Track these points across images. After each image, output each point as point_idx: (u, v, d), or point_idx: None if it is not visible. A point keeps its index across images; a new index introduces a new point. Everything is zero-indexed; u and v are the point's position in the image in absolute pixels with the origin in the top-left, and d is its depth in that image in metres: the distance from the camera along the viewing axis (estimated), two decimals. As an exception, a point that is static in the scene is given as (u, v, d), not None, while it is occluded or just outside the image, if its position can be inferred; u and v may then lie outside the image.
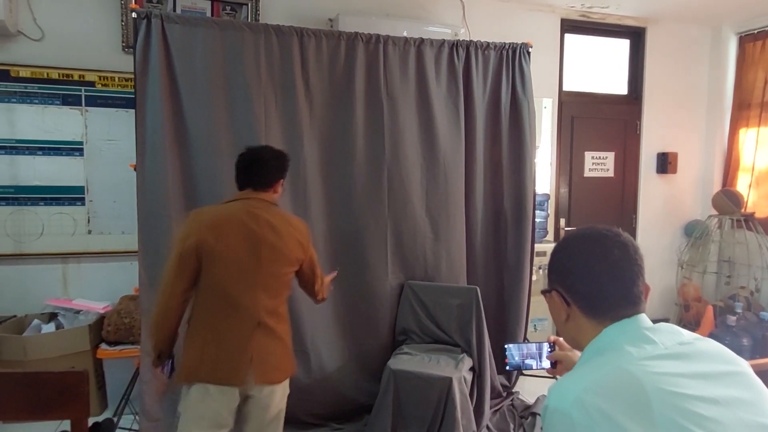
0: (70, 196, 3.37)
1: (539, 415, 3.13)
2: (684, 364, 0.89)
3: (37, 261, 3.34)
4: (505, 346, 1.43)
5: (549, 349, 1.35)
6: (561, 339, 1.33)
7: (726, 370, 0.91)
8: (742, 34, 4.70)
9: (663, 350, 0.91)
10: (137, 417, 2.92)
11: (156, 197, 2.77)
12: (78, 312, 3.21)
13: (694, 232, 4.78)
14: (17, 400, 1.58)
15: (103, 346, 3.06)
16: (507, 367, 1.43)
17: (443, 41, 3.31)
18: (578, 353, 1.09)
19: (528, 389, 3.56)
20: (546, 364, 1.35)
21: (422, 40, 3.26)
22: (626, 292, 0.98)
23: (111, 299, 3.32)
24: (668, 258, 4.90)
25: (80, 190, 3.38)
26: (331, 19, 3.65)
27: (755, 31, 4.57)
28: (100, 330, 3.08)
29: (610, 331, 0.97)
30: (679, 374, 0.86)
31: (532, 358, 1.41)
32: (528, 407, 3.26)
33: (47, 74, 3.28)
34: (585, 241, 1.04)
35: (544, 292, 1.10)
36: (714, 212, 4.65)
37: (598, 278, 0.99)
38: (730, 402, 0.86)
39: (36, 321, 3.15)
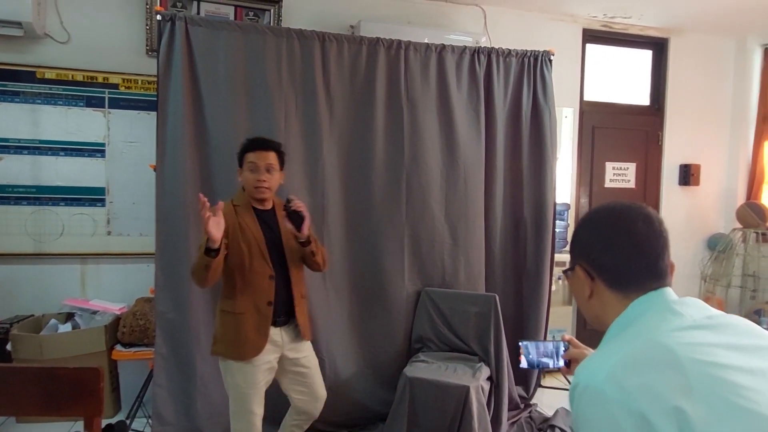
0: (90, 197, 3.38)
1: (558, 428, 3.04)
2: (715, 335, 0.86)
3: (56, 261, 3.35)
4: (520, 344, 1.38)
5: (564, 349, 1.31)
6: (575, 339, 1.32)
7: (758, 344, 0.88)
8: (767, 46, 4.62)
9: (692, 322, 0.88)
10: (150, 420, 2.89)
11: (174, 198, 2.77)
12: (94, 313, 3.20)
13: (717, 245, 4.67)
14: (32, 395, 1.56)
15: (118, 347, 3.05)
16: (522, 365, 1.37)
17: (464, 48, 3.28)
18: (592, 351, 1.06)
19: (546, 402, 3.47)
20: (561, 363, 1.32)
21: (443, 47, 3.23)
22: (652, 265, 0.96)
23: (127, 301, 3.32)
24: (691, 271, 4.78)
25: (101, 191, 3.39)
26: (352, 26, 3.65)
27: (781, 43, 4.49)
28: (116, 331, 3.07)
29: (637, 305, 0.94)
30: (712, 344, 0.83)
31: (548, 357, 1.37)
32: (546, 420, 3.17)
33: (72, 76, 3.31)
34: (609, 215, 1.01)
35: (565, 271, 1.08)
36: (738, 225, 4.54)
37: (624, 251, 0.96)
38: (766, 373, 0.82)
39: (53, 321, 3.15)
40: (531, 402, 3.38)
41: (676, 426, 0.74)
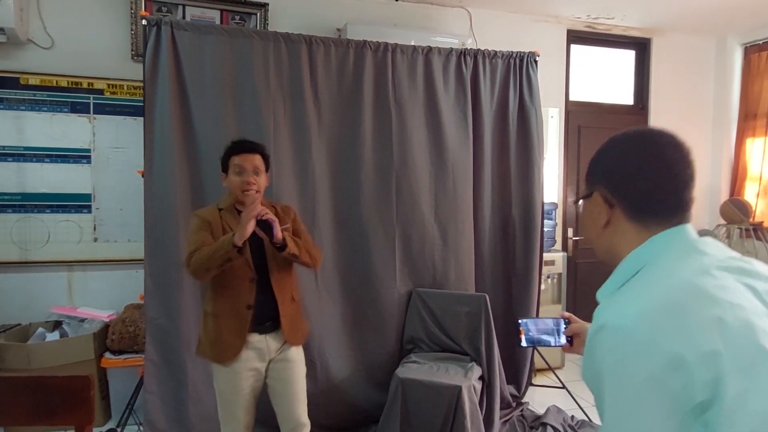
0: (76, 203, 3.35)
1: (550, 425, 3.07)
2: (745, 278, 0.83)
3: (43, 269, 3.31)
4: (520, 321, 1.37)
5: (565, 325, 1.29)
6: (573, 315, 1.29)
7: None
8: (747, 45, 4.70)
9: (718, 262, 0.84)
10: (141, 428, 2.87)
11: (163, 204, 2.75)
12: (82, 320, 3.17)
13: (702, 242, 4.73)
14: (21, 405, 1.54)
15: (108, 354, 3.02)
16: (523, 344, 1.35)
17: (451, 50, 3.31)
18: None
19: (538, 400, 3.49)
20: (563, 340, 1.29)
21: (430, 49, 3.25)
22: (678, 195, 0.90)
23: (116, 308, 3.29)
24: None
25: (87, 197, 3.36)
26: (339, 29, 3.66)
27: (760, 42, 4.57)
28: (105, 339, 3.04)
29: (658, 240, 0.89)
30: (741, 287, 0.81)
31: (548, 334, 1.35)
32: (538, 417, 3.19)
33: (56, 82, 3.28)
34: (638, 138, 0.94)
35: (582, 198, 1.01)
36: (722, 222, 4.61)
37: (650, 177, 0.89)
38: None
39: (40, 329, 3.11)
40: (522, 400, 3.40)
41: (711, 369, 0.72)
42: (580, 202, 1.02)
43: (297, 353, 2.24)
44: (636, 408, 0.74)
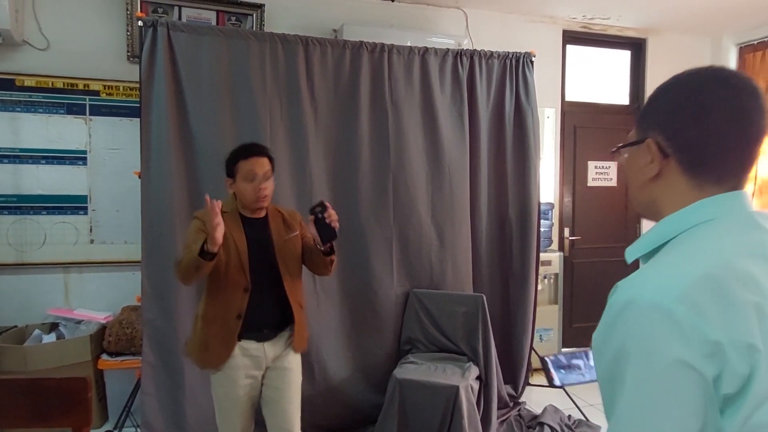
0: (72, 205, 3.34)
1: (547, 425, 3.08)
2: None
3: (39, 271, 3.30)
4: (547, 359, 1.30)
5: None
6: None
7: None
8: (742, 45, 4.72)
9: None
10: (138, 429, 2.86)
11: (160, 205, 2.75)
12: (79, 322, 3.16)
13: (698, 241, 4.74)
14: (19, 407, 1.54)
15: (104, 356, 3.01)
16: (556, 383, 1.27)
17: (447, 50, 3.32)
18: None
19: (535, 399, 3.50)
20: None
21: (426, 49, 3.26)
22: (746, 150, 0.78)
23: (113, 309, 3.28)
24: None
25: (83, 199, 3.35)
26: (335, 30, 3.66)
27: (755, 42, 4.59)
28: (102, 340, 3.03)
29: (711, 204, 0.77)
30: None
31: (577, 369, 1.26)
32: (535, 417, 3.20)
33: (52, 83, 3.27)
34: (708, 78, 0.80)
35: (628, 144, 0.87)
36: (718, 221, 4.63)
37: (719, 124, 0.76)
38: None
39: (37, 331, 3.10)
40: (520, 400, 3.41)
41: (747, 363, 0.66)
42: (624, 150, 0.89)
43: (295, 361, 2.17)
44: (665, 389, 0.67)
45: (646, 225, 4.87)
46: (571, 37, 4.51)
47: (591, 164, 4.67)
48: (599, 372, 0.76)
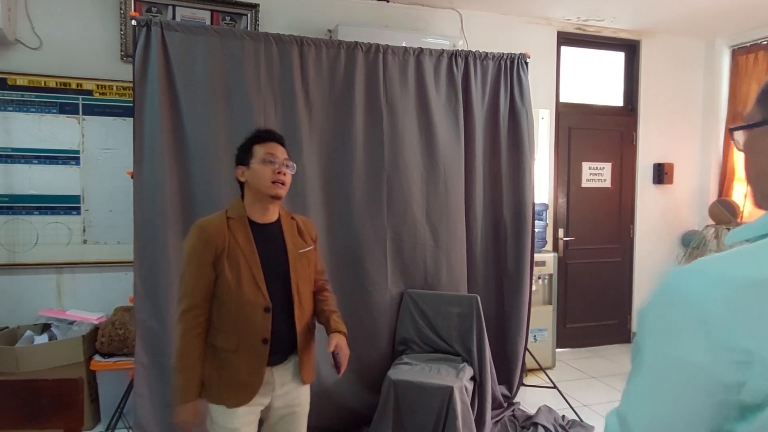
0: (65, 205, 3.33)
1: (541, 425, 3.09)
2: None
3: (31, 271, 3.28)
4: None
5: None
6: None
7: None
8: (735, 47, 4.76)
9: None
10: (131, 431, 2.85)
11: (153, 205, 2.74)
12: (72, 323, 3.14)
13: (691, 242, 4.78)
14: (11, 409, 1.53)
15: (97, 357, 3.00)
16: None
17: (442, 51, 3.32)
18: None
19: (529, 400, 3.51)
20: None
21: (421, 50, 3.26)
22: None
23: (105, 310, 3.27)
24: (666, 268, 4.88)
25: (76, 199, 3.34)
26: (330, 30, 3.66)
27: (747, 44, 4.63)
28: (94, 341, 3.02)
29: None
30: None
31: None
32: (529, 417, 3.21)
33: (44, 83, 3.26)
34: None
35: (749, 125, 0.77)
36: (711, 222, 4.66)
37: None
38: None
39: (29, 332, 3.09)
40: (514, 401, 3.42)
41: None
42: (740, 133, 0.80)
43: (304, 396, 1.92)
44: (673, 385, 0.65)
45: (639, 226, 4.91)
46: (566, 39, 4.53)
47: (585, 165, 4.70)
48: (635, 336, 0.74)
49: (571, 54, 4.62)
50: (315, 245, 1.94)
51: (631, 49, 4.78)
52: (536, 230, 3.71)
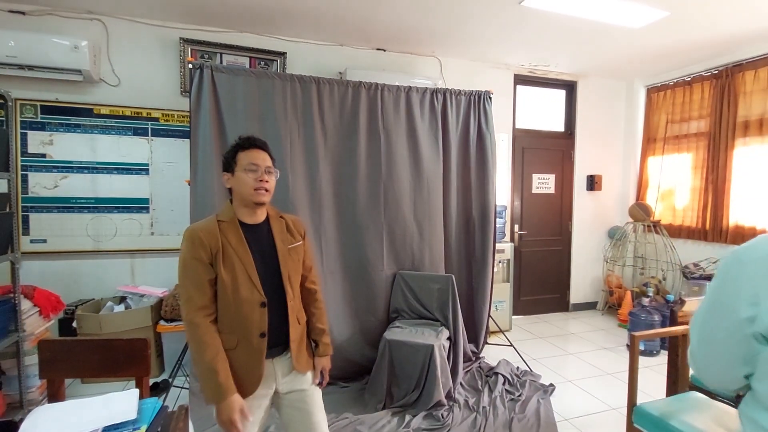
0: (137, 205, 3.31)
1: (500, 374, 3.08)
2: None
3: (111, 256, 3.27)
4: None
5: None
6: None
7: None
8: (649, 87, 4.75)
9: None
10: (188, 378, 2.84)
11: (204, 206, 2.72)
12: (142, 296, 3.13)
13: (615, 234, 4.78)
14: (93, 361, 1.53)
15: (162, 322, 2.98)
16: None
17: (426, 88, 3.31)
18: None
19: (492, 355, 3.51)
20: None
21: (410, 88, 3.25)
22: None
23: (168, 286, 3.26)
24: (596, 255, 4.89)
25: (146, 201, 3.32)
26: (341, 72, 3.65)
27: (659, 84, 4.63)
28: (160, 309, 3.01)
29: None
30: None
31: None
32: (492, 368, 3.20)
33: (122, 112, 3.24)
34: None
35: None
36: (630, 220, 4.66)
37: None
38: None
39: (109, 303, 3.07)
40: (480, 355, 3.41)
41: None
42: None
43: (308, 378, 1.58)
44: (715, 312, 0.77)
45: (576, 223, 4.88)
46: (521, 79, 4.52)
47: (535, 176, 4.69)
48: None
49: (524, 91, 4.61)
50: (304, 240, 1.61)
51: (569, 87, 4.78)
52: (497, 226, 3.71)
